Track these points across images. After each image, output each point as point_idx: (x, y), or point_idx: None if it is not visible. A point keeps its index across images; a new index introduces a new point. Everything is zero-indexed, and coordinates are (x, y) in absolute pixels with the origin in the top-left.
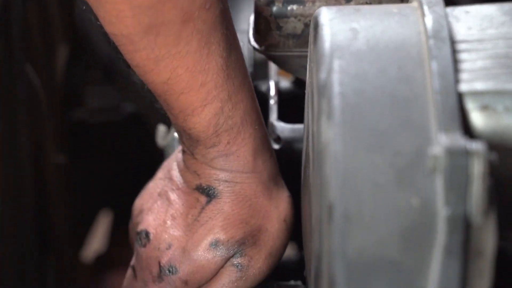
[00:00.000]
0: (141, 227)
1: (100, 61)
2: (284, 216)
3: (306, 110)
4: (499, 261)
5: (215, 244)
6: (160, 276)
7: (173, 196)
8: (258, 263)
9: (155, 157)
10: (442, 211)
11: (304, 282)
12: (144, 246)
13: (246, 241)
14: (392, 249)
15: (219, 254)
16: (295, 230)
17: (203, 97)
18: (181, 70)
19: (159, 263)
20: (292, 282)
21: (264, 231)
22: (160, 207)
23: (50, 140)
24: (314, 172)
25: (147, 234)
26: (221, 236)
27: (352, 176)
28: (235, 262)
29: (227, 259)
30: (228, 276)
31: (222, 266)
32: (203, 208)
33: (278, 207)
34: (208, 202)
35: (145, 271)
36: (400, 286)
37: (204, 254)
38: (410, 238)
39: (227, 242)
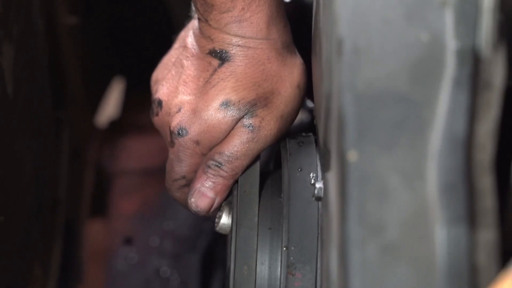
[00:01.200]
0: (154, 97)
1: None
2: (298, 82)
3: None
4: (506, 100)
5: (225, 104)
6: (172, 140)
7: (186, 62)
8: (269, 124)
9: (168, 24)
10: (451, 44)
11: (315, 133)
12: (157, 114)
13: (258, 102)
14: (400, 81)
15: (229, 114)
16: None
17: None
18: None
19: (169, 127)
20: (303, 134)
21: (277, 94)
22: (174, 75)
23: (62, 0)
24: (324, 14)
25: (159, 102)
26: (232, 96)
27: (362, 12)
28: (246, 122)
29: (238, 120)
30: (239, 137)
31: (233, 127)
32: (215, 71)
33: (292, 72)
34: (221, 65)
35: (164, 139)
36: (408, 117)
37: (215, 113)
38: (418, 71)
39: (238, 103)
